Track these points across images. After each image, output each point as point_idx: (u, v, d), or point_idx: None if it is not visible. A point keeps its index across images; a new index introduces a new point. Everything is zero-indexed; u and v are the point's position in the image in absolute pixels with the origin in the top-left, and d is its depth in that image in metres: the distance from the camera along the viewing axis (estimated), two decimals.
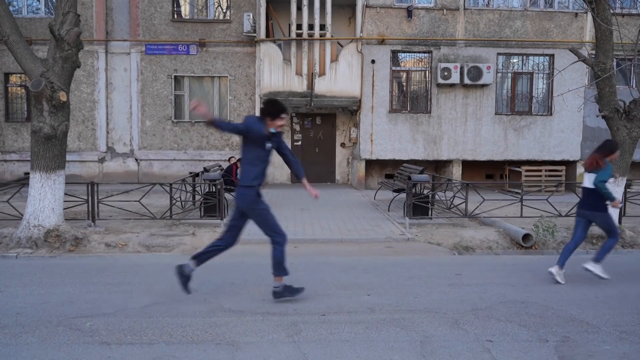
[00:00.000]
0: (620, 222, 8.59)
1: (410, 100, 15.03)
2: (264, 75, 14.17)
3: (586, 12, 14.08)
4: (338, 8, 15.07)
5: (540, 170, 14.67)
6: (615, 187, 8.39)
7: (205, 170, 10.86)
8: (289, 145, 15.98)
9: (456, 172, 14.87)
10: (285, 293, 5.01)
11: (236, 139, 15.48)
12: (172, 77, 15.29)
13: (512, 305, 5.03)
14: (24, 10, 15.24)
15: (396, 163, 14.91)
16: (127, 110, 15.39)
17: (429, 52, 14.68)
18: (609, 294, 5.43)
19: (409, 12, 14.34)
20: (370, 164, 15.45)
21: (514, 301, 5.15)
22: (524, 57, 14.97)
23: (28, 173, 8.36)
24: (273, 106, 4.88)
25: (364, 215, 10.27)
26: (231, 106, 15.48)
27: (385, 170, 15.76)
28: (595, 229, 8.22)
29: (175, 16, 15.37)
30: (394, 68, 14.85)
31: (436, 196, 10.13)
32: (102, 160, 15.44)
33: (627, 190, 9.37)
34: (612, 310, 4.90)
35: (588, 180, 5.90)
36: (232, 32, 15.21)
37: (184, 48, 15.22)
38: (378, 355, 3.87)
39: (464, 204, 9.44)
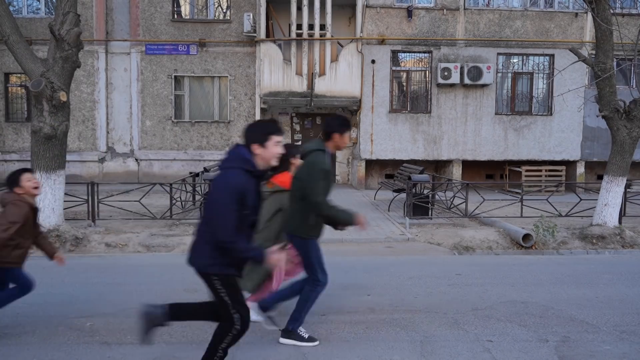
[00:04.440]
0: (620, 222, 8.59)
1: (410, 100, 15.02)
2: (264, 75, 14.17)
3: (586, 12, 14.07)
4: (338, 8, 15.06)
5: (541, 170, 14.67)
6: (615, 187, 8.40)
7: (206, 170, 10.85)
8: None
9: (456, 172, 14.86)
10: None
11: (236, 139, 15.48)
12: (172, 77, 15.29)
13: (512, 305, 5.02)
14: (24, 10, 15.24)
15: (396, 163, 14.90)
16: (127, 110, 15.39)
17: (429, 52, 14.68)
18: (609, 294, 5.42)
19: (409, 12, 14.33)
20: (370, 164, 15.45)
21: (514, 301, 5.15)
22: (524, 57, 14.97)
23: None
24: None
25: (364, 215, 10.25)
26: (231, 106, 15.48)
27: (385, 170, 15.75)
28: (595, 229, 8.23)
29: (175, 16, 15.37)
30: (394, 68, 14.84)
31: (436, 196, 10.14)
32: (102, 160, 15.43)
33: (627, 190, 9.37)
34: (612, 310, 4.90)
35: None
36: (232, 32, 15.21)
37: (184, 48, 15.21)
38: (378, 355, 3.87)
39: (464, 204, 9.44)
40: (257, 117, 14.74)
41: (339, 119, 4.27)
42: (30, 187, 4.03)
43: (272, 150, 3.17)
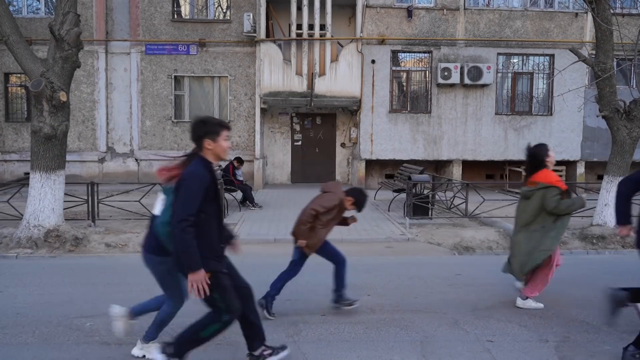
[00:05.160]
0: None
1: (410, 100, 15.02)
2: (264, 75, 14.17)
3: (586, 12, 14.07)
4: (338, 8, 15.06)
5: None
6: (616, 187, 8.38)
7: None
8: (289, 145, 16.01)
9: (456, 172, 14.86)
10: None
11: (236, 139, 15.48)
12: (172, 77, 15.28)
13: (512, 305, 5.02)
14: (24, 10, 15.24)
15: (396, 163, 14.90)
16: (127, 110, 15.39)
17: (429, 52, 14.68)
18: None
19: (409, 12, 14.33)
20: (371, 164, 15.45)
21: (514, 301, 5.14)
22: (524, 57, 14.97)
23: (28, 173, 8.37)
24: None
25: (364, 215, 10.20)
26: (231, 106, 15.48)
27: (385, 170, 15.75)
28: (595, 229, 8.23)
29: (175, 16, 15.36)
30: (394, 68, 14.84)
31: (436, 196, 10.14)
32: (102, 160, 15.43)
33: None
34: None
35: None
36: (232, 32, 15.21)
37: (184, 48, 15.21)
38: (378, 355, 3.87)
39: (464, 204, 9.44)
40: (257, 117, 14.74)
41: None
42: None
43: None
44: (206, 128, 3.21)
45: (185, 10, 15.59)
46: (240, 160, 11.36)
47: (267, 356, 3.56)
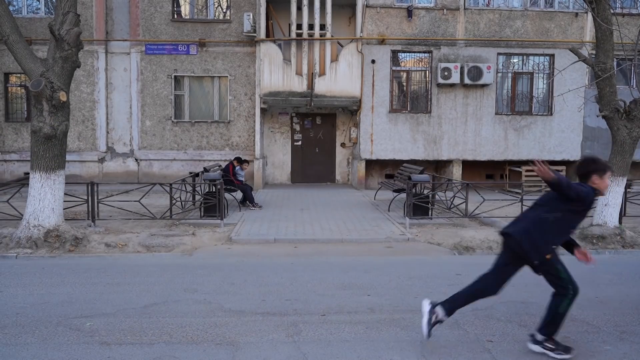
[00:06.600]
0: (620, 222, 8.58)
1: (410, 100, 15.02)
2: (264, 75, 14.17)
3: (586, 12, 14.07)
4: (338, 8, 15.07)
5: None
6: (616, 187, 8.39)
7: (205, 170, 10.85)
8: (289, 145, 16.02)
9: (456, 172, 14.86)
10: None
11: (236, 139, 15.49)
12: (172, 77, 15.28)
13: (512, 305, 5.02)
14: (24, 10, 15.23)
15: (396, 163, 14.90)
16: (127, 110, 15.39)
17: (429, 52, 14.68)
18: (609, 294, 5.42)
19: (409, 12, 14.33)
20: (370, 164, 15.45)
21: (514, 301, 5.14)
22: (524, 57, 14.96)
23: (28, 173, 8.37)
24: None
25: (364, 215, 10.27)
26: (231, 106, 15.48)
27: (385, 170, 15.75)
28: (595, 229, 8.23)
29: (175, 16, 15.36)
30: (394, 68, 14.84)
31: (436, 196, 10.13)
32: (102, 160, 15.43)
33: (627, 190, 9.36)
34: (613, 310, 4.90)
35: None
36: (232, 32, 15.21)
37: (184, 48, 15.21)
38: (378, 355, 3.86)
39: (464, 204, 9.43)
40: (257, 117, 14.75)
41: None
42: None
43: None
44: (596, 166, 3.81)
45: (185, 10, 15.59)
46: (241, 161, 11.36)
47: (548, 349, 3.86)
